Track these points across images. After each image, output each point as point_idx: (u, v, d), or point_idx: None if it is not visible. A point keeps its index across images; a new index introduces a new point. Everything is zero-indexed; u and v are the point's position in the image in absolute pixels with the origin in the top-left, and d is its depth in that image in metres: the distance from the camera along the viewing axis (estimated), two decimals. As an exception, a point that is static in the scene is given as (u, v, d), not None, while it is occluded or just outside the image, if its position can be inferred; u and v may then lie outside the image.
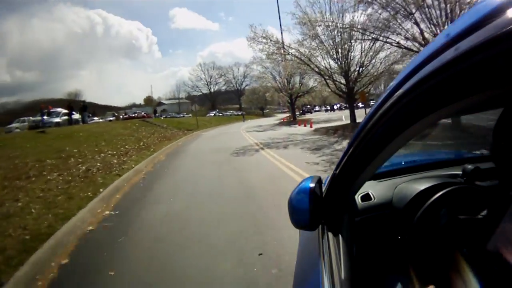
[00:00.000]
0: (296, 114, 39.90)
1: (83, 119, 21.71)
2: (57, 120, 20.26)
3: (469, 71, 0.43)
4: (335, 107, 59.44)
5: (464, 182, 1.18)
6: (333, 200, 1.03)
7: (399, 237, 1.10)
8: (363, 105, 19.57)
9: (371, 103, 19.82)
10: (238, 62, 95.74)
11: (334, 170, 1.01)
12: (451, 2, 10.23)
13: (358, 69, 17.80)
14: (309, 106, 62.00)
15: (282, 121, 38.53)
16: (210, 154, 10.96)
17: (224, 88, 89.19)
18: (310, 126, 20.23)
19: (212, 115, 60.97)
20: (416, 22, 11.87)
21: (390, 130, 0.65)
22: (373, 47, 16.62)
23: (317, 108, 68.49)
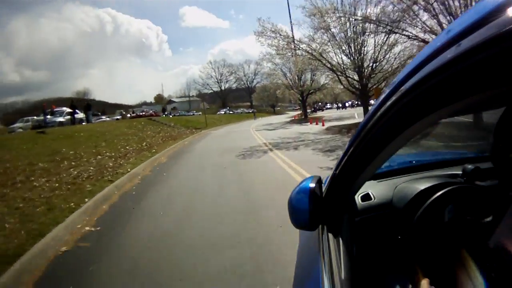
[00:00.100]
0: (307, 111, 38.83)
1: (88, 118, 21.19)
2: (60, 119, 19.72)
3: (469, 71, 0.43)
4: (347, 105, 58.71)
5: (464, 182, 1.19)
6: (333, 200, 1.03)
7: (399, 237, 1.09)
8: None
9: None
10: (248, 59, 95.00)
11: (334, 170, 1.01)
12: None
13: (371, 64, 16.93)
14: (320, 104, 61.33)
15: (293, 119, 37.70)
16: (215, 156, 10.17)
17: (234, 85, 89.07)
18: (322, 125, 19.42)
19: (222, 113, 60.21)
20: (434, 14, 11.12)
21: (390, 130, 0.65)
22: (387, 41, 15.79)
23: (328, 105, 67.63)
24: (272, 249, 3.15)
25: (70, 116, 19.72)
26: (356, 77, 17.60)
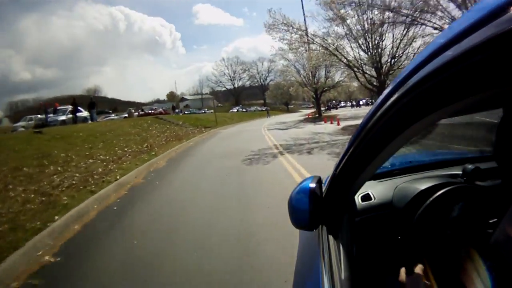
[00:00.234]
0: (321, 109, 37.43)
1: (91, 117, 20.44)
2: (62, 118, 19.00)
3: (469, 71, 0.43)
4: (361, 103, 57.12)
5: (464, 182, 1.19)
6: (333, 200, 1.03)
7: (399, 237, 1.10)
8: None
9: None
10: (262, 57, 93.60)
11: (334, 170, 1.01)
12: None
13: (390, 60, 15.70)
14: (334, 102, 60.06)
15: (307, 117, 36.41)
16: (219, 160, 9.11)
17: (248, 83, 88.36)
18: (337, 124, 18.20)
19: (235, 111, 59.31)
20: (462, 3, 9.96)
21: (390, 130, 0.65)
22: (407, 34, 14.56)
23: (342, 103, 66.21)
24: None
25: (72, 114, 18.93)
26: (374, 73, 16.45)
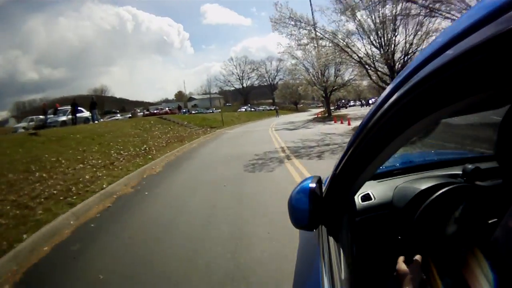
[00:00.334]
0: (330, 109, 36.37)
1: (93, 117, 19.86)
2: (63, 118, 18.32)
3: (469, 71, 0.43)
4: (370, 102, 55.87)
5: (464, 182, 1.19)
6: (333, 200, 1.03)
7: (399, 237, 1.10)
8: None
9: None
10: (271, 56, 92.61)
11: (334, 170, 1.00)
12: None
13: (403, 57, 14.74)
14: (343, 101, 59.02)
15: (316, 116, 35.50)
16: (219, 165, 8.29)
17: (256, 82, 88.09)
18: (348, 124, 17.36)
19: (243, 110, 58.60)
20: None
21: (390, 130, 0.65)
22: (421, 29, 13.61)
23: (351, 102, 65.06)
24: None
25: (71, 115, 18.31)
26: (386, 70, 15.51)
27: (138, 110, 42.19)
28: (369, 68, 15.59)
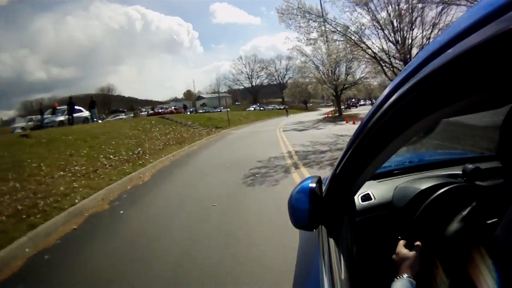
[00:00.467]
0: (341, 108, 35.05)
1: (91, 117, 19.06)
2: (60, 118, 17.52)
3: (469, 71, 0.42)
4: (381, 101, 54.34)
5: (464, 182, 1.17)
6: (333, 200, 1.01)
7: (399, 237, 1.05)
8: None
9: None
10: (280, 55, 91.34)
11: (334, 170, 0.98)
12: None
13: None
14: (353, 100, 57.60)
15: (326, 116, 34.26)
16: (216, 174, 7.24)
17: (266, 81, 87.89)
18: (362, 124, 15.93)
19: (252, 109, 57.63)
20: None
21: (390, 130, 0.64)
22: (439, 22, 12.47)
23: (361, 101, 63.51)
24: None
25: (68, 115, 17.48)
26: (403, 67, 14.31)
27: (143, 109, 41.50)
28: (384, 64, 14.40)
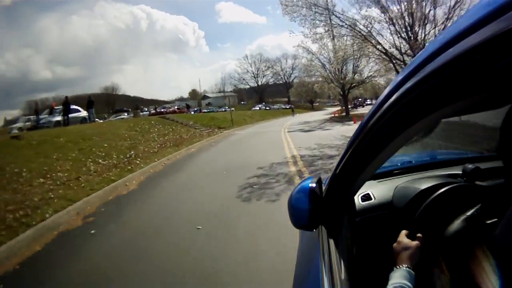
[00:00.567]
0: (348, 107, 34.06)
1: (89, 117, 18.48)
2: (57, 119, 16.93)
3: (469, 71, 0.42)
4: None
5: (464, 181, 1.17)
6: (333, 200, 1.01)
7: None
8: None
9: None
10: (286, 53, 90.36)
11: (334, 170, 0.98)
12: None
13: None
14: (360, 99, 56.56)
15: (333, 116, 33.33)
16: (207, 185, 6.40)
17: (272, 80, 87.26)
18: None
19: (257, 109, 56.90)
20: None
21: (390, 130, 0.64)
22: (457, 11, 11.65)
23: (368, 101, 62.40)
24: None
25: (63, 115, 16.86)
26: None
27: (146, 109, 40.94)
28: (395, 61, 13.55)
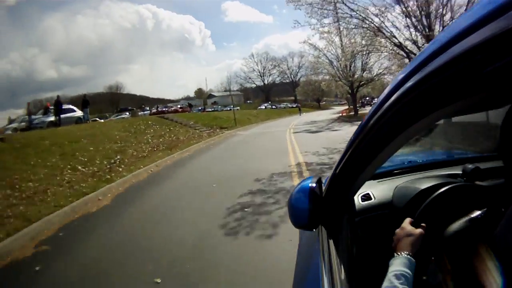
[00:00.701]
0: (357, 106, 32.79)
1: (83, 117, 17.68)
2: (50, 119, 16.13)
3: (469, 71, 0.42)
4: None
5: (464, 181, 1.16)
6: (333, 200, 1.01)
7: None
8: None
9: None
10: (292, 52, 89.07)
11: (334, 169, 0.98)
12: None
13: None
14: (367, 98, 55.29)
15: (340, 115, 32.14)
16: (192, 203, 5.26)
17: (278, 79, 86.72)
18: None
19: (263, 108, 55.93)
20: None
21: (390, 130, 0.64)
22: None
23: (375, 100, 61.17)
24: None
25: (55, 116, 16.02)
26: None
27: (147, 108, 40.12)
28: (412, 56, 12.46)
